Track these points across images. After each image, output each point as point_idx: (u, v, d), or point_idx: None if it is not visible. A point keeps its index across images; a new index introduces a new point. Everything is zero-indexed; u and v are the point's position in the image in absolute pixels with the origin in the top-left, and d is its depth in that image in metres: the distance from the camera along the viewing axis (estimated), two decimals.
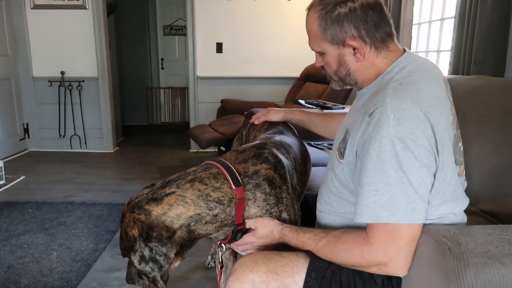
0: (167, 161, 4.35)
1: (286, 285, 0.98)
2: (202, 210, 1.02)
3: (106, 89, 4.59)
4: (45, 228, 2.57)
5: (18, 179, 3.58)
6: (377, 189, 0.88)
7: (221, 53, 4.59)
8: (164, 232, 0.96)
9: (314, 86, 3.89)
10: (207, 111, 4.63)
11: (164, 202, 0.99)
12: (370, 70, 1.03)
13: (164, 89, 6.73)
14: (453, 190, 0.97)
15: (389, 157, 0.86)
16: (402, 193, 0.86)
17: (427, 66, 1.02)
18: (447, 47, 2.69)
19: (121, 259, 2.21)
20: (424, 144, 0.87)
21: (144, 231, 0.96)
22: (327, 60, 1.06)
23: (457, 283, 0.74)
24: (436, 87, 0.96)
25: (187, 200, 1.01)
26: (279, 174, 1.14)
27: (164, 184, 1.05)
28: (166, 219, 0.98)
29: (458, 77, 1.99)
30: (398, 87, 0.92)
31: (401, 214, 0.86)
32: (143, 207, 0.99)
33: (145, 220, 0.97)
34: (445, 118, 0.94)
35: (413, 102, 0.89)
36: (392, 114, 0.88)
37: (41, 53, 4.50)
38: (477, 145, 1.46)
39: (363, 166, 0.91)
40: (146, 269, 0.97)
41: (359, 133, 0.95)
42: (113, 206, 2.96)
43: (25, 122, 4.63)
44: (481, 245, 0.78)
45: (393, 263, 0.89)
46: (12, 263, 2.15)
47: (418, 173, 0.86)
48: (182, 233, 1.01)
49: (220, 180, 1.06)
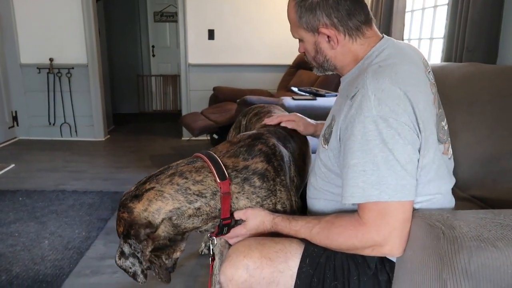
0: (159, 149, 4.32)
1: (279, 271, 0.99)
2: (182, 204, 1.01)
3: (96, 77, 4.53)
4: (36, 217, 2.55)
5: (8, 167, 3.53)
6: (365, 169, 0.88)
7: (213, 40, 4.54)
8: (143, 229, 0.97)
9: (306, 74, 3.88)
10: (199, 99, 4.59)
11: (144, 198, 1.00)
12: (347, 56, 1.05)
13: (155, 77, 6.66)
14: (437, 168, 0.98)
15: (374, 136, 0.87)
16: (390, 171, 0.87)
17: (406, 49, 1.04)
18: (440, 35, 2.69)
19: (113, 247, 2.21)
20: (406, 121, 0.88)
21: (125, 228, 0.99)
22: (305, 47, 1.10)
23: (450, 267, 0.75)
24: (414, 69, 0.98)
25: (165, 194, 1.01)
26: (273, 166, 1.13)
27: (145, 180, 1.05)
28: (148, 215, 0.99)
29: (450, 64, 2.00)
30: (377, 69, 0.94)
31: (391, 192, 0.87)
32: (127, 205, 1.01)
33: (127, 217, 0.99)
34: (425, 97, 0.96)
35: (392, 82, 0.90)
36: (373, 94, 0.89)
37: (28, 39, 4.41)
38: (468, 132, 1.47)
39: (349, 148, 0.91)
40: (125, 264, 1.00)
41: (342, 117, 0.96)
42: (104, 194, 2.95)
43: (14, 110, 4.56)
44: (475, 229, 0.79)
45: (388, 243, 0.89)
46: (3, 251, 2.13)
47: (403, 150, 0.87)
48: (166, 228, 1.01)
49: (203, 174, 1.05)
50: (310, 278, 0.98)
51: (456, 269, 0.74)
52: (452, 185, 1.06)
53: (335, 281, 0.98)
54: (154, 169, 1.11)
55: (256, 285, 0.98)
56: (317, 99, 2.78)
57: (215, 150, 1.15)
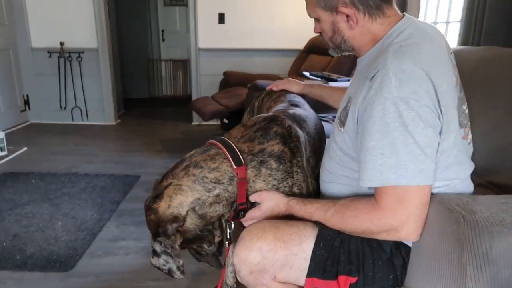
0: (169, 134, 4.33)
1: (293, 253, 0.98)
2: (201, 194, 1.02)
3: (107, 61, 4.52)
4: (49, 199, 2.58)
5: (20, 150, 3.57)
6: (383, 152, 0.86)
7: (224, 24, 4.49)
8: (170, 225, 0.99)
9: (318, 58, 3.83)
10: (209, 84, 4.57)
11: (165, 196, 1.01)
12: (366, 36, 1.01)
13: (165, 62, 6.64)
14: (457, 152, 0.95)
15: (393, 118, 0.85)
16: (409, 155, 0.85)
17: (428, 29, 1.00)
18: (457, 18, 2.62)
19: (126, 229, 2.24)
20: (428, 103, 0.85)
21: (154, 229, 1.01)
22: (322, 27, 1.06)
23: (470, 252, 0.74)
24: (437, 49, 0.95)
25: (183, 187, 1.01)
26: (289, 147, 1.11)
27: (161, 179, 1.06)
28: (173, 210, 1.00)
29: (468, 48, 1.95)
30: (398, 49, 0.91)
31: (409, 176, 0.85)
32: (151, 207, 1.02)
33: (154, 218, 1.01)
34: (448, 80, 0.93)
35: (415, 62, 0.87)
36: (394, 75, 0.86)
37: (39, 23, 4.40)
38: (486, 117, 1.44)
39: (367, 130, 0.89)
40: (159, 262, 1.01)
41: (360, 99, 0.93)
42: (116, 177, 2.97)
43: (25, 94, 4.59)
44: (496, 214, 0.77)
45: (404, 228, 0.87)
46: (18, 232, 2.17)
47: (424, 133, 0.85)
48: (193, 219, 1.02)
49: (218, 160, 1.05)
50: (324, 261, 0.98)
51: (476, 254, 0.73)
52: (471, 171, 1.03)
53: (350, 264, 0.97)
54: (164, 153, 1.11)
55: (270, 268, 0.98)
56: (329, 83, 2.74)
57: (229, 136, 1.13)
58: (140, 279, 1.80)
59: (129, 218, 2.37)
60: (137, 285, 1.76)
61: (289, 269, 0.99)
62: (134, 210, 2.48)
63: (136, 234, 2.19)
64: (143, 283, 1.78)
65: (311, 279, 0.98)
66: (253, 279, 1.01)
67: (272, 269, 0.98)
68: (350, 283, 0.98)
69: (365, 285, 0.98)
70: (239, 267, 1.01)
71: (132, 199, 2.64)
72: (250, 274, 1.00)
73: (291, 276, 1.00)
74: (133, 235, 2.18)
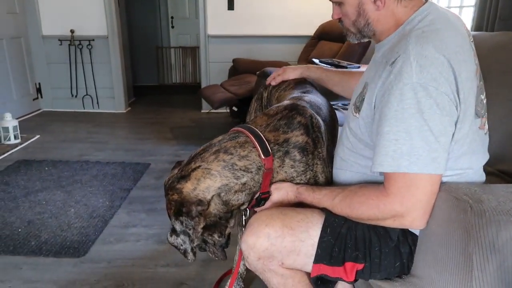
0: (179, 122, 4.35)
1: (301, 240, 0.99)
2: (230, 180, 1.02)
3: (117, 48, 4.54)
4: (61, 186, 2.63)
5: (33, 138, 3.63)
6: (397, 138, 0.86)
7: (233, 10, 4.45)
8: (194, 207, 0.99)
9: (328, 45, 3.78)
10: (219, 71, 4.56)
11: (192, 178, 1.01)
12: (390, 19, 1.00)
13: (174, 49, 6.64)
14: (471, 142, 0.94)
15: (411, 105, 0.84)
16: (423, 142, 0.84)
17: (450, 16, 0.98)
18: (470, 3, 2.56)
19: (137, 216, 2.27)
20: (446, 91, 0.84)
21: (176, 207, 1.02)
22: (346, 10, 1.03)
23: (477, 240, 0.73)
24: (459, 36, 0.93)
25: (213, 172, 1.01)
26: (312, 138, 1.11)
27: (190, 160, 1.06)
28: (198, 193, 1.01)
29: (481, 34, 1.90)
30: (421, 34, 0.90)
31: (421, 164, 0.84)
32: (175, 187, 1.02)
33: (177, 198, 1.01)
34: (469, 67, 0.91)
35: (436, 49, 0.86)
36: (415, 61, 0.85)
37: (50, 11, 4.43)
38: (499, 104, 1.41)
39: (383, 115, 0.88)
40: (177, 241, 1.04)
41: (379, 84, 0.92)
42: (127, 165, 3.00)
43: (37, 82, 4.64)
44: (504, 203, 0.77)
45: (410, 214, 0.87)
46: (32, 218, 2.22)
47: (439, 121, 0.84)
48: (216, 205, 1.03)
49: (248, 149, 1.05)
50: (331, 247, 0.98)
51: (483, 243, 0.72)
52: (485, 161, 1.02)
53: (356, 251, 0.98)
54: (174, 141, 1.12)
55: (277, 254, 0.99)
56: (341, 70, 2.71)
57: (255, 124, 1.13)
58: (150, 265, 1.84)
59: (140, 205, 2.41)
60: (147, 271, 1.80)
61: (296, 255, 1.00)
62: (145, 197, 2.51)
63: (146, 221, 2.23)
64: (153, 269, 1.81)
65: (318, 266, 0.99)
66: (261, 265, 1.02)
67: (279, 255, 0.99)
68: (356, 270, 0.98)
69: (372, 272, 0.98)
70: (247, 253, 1.02)
71: (143, 186, 2.67)
72: (257, 260, 1.01)
73: (298, 263, 1.01)
74: (144, 222, 2.22)
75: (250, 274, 1.67)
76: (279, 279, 1.04)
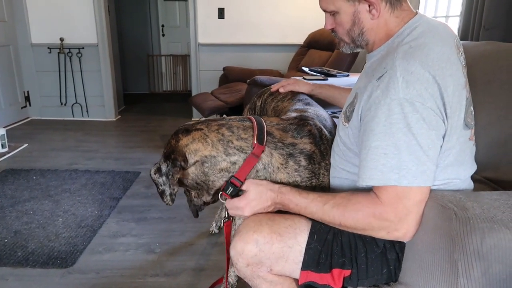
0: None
1: (289, 246, 0.99)
2: (218, 154, 1.07)
3: (107, 57, 4.52)
4: (49, 195, 2.60)
5: (21, 147, 3.59)
6: (386, 152, 0.87)
7: (223, 19, 4.48)
8: (180, 159, 1.07)
9: (318, 53, 3.82)
10: (209, 79, 4.57)
11: (190, 135, 1.09)
12: (382, 29, 1.02)
13: (165, 57, 6.63)
14: (458, 153, 0.96)
15: (398, 120, 0.86)
16: (411, 156, 0.85)
17: (439, 29, 1.00)
18: (456, 12, 2.61)
19: (126, 226, 2.25)
20: (432, 106, 0.86)
21: (168, 151, 1.09)
22: (340, 19, 1.04)
23: (462, 248, 0.74)
24: (447, 50, 0.94)
25: (208, 140, 1.08)
26: (319, 149, 1.13)
27: (199, 121, 1.14)
28: (187, 150, 1.08)
29: (467, 43, 1.93)
30: (408, 50, 0.91)
31: (411, 177, 0.86)
32: (177, 135, 1.11)
33: (173, 144, 1.10)
34: (456, 81, 0.92)
35: (422, 65, 0.88)
36: (401, 76, 0.87)
37: (39, 19, 4.40)
38: (484, 112, 1.44)
39: (371, 130, 0.89)
40: (159, 180, 1.09)
41: (365, 97, 0.94)
42: (116, 173, 2.98)
43: (26, 90, 4.59)
44: (488, 210, 0.78)
45: (403, 225, 0.88)
46: (19, 228, 2.18)
47: (427, 135, 0.86)
48: (196, 170, 1.09)
49: (249, 133, 1.09)
50: (318, 254, 0.99)
51: (468, 250, 0.73)
52: (473, 172, 1.04)
53: (343, 257, 0.98)
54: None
55: (266, 260, 0.99)
56: (328, 79, 2.74)
57: (266, 118, 1.17)
58: (139, 275, 1.82)
59: (129, 214, 2.39)
60: (136, 281, 1.78)
61: (285, 262, 1.00)
62: (134, 206, 2.49)
63: (136, 230, 2.21)
64: (143, 279, 1.79)
65: (306, 272, 0.99)
66: (250, 272, 1.02)
67: (268, 261, 0.99)
68: (344, 276, 0.99)
69: (359, 279, 0.99)
70: (235, 259, 1.02)
71: (132, 195, 2.65)
72: (246, 267, 1.01)
73: (286, 269, 1.01)
74: (133, 231, 2.20)
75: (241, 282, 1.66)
76: (268, 285, 1.04)
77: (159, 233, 2.18)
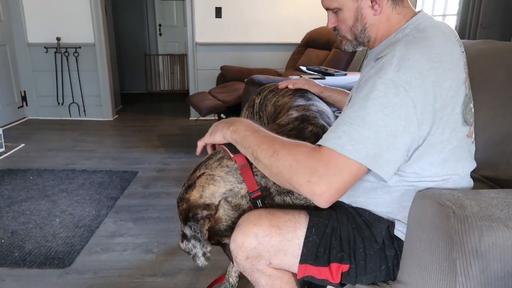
0: (167, 129, 4.33)
1: (288, 239, 0.99)
2: (233, 185, 1.04)
3: (104, 56, 4.51)
4: (47, 195, 2.59)
5: (18, 147, 3.57)
6: (352, 122, 0.86)
7: (220, 18, 4.47)
8: (200, 211, 1.02)
9: (315, 53, 3.82)
10: (207, 78, 4.56)
11: (197, 185, 1.04)
12: (384, 25, 1.03)
13: (162, 56, 6.62)
14: (455, 148, 0.95)
15: (377, 97, 0.85)
16: (373, 134, 0.84)
17: (442, 27, 1.01)
18: (453, 11, 2.61)
19: (124, 225, 2.25)
20: (415, 97, 0.85)
21: (184, 214, 1.04)
22: (343, 16, 1.05)
23: (460, 246, 0.74)
24: (450, 45, 0.95)
25: (216, 177, 1.04)
26: None
27: (195, 169, 1.08)
28: (205, 200, 1.03)
29: (464, 42, 1.94)
30: (412, 39, 0.92)
31: (363, 154, 0.84)
32: (184, 198, 1.05)
33: (185, 207, 1.04)
34: (455, 76, 0.92)
35: (423, 54, 0.88)
36: (397, 60, 0.87)
37: (35, 18, 4.39)
38: (482, 111, 1.44)
39: (352, 100, 0.91)
40: (188, 246, 1.04)
41: (360, 76, 0.95)
42: (114, 173, 2.97)
43: (23, 90, 4.58)
44: (486, 208, 0.78)
45: (326, 182, 0.84)
46: (16, 228, 2.17)
47: (395, 122, 0.85)
48: (225, 210, 1.05)
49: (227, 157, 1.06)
50: (316, 247, 0.99)
51: (466, 248, 0.73)
52: (472, 169, 1.03)
53: (341, 252, 0.98)
54: (162, 149, 1.13)
55: (265, 253, 0.99)
56: (326, 78, 2.74)
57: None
58: (137, 275, 1.81)
59: (127, 214, 2.38)
60: (134, 281, 1.77)
61: (284, 255, 1.00)
62: (132, 206, 2.48)
63: (133, 230, 2.20)
64: (140, 279, 1.79)
65: (304, 266, 0.99)
66: (249, 265, 1.02)
67: (267, 254, 0.99)
68: (342, 272, 0.99)
69: (358, 275, 0.99)
70: (235, 252, 1.02)
71: (130, 195, 2.64)
72: (246, 260, 1.01)
73: (285, 262, 1.01)
74: (131, 231, 2.19)
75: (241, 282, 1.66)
76: (267, 279, 1.05)
77: (157, 233, 2.17)
